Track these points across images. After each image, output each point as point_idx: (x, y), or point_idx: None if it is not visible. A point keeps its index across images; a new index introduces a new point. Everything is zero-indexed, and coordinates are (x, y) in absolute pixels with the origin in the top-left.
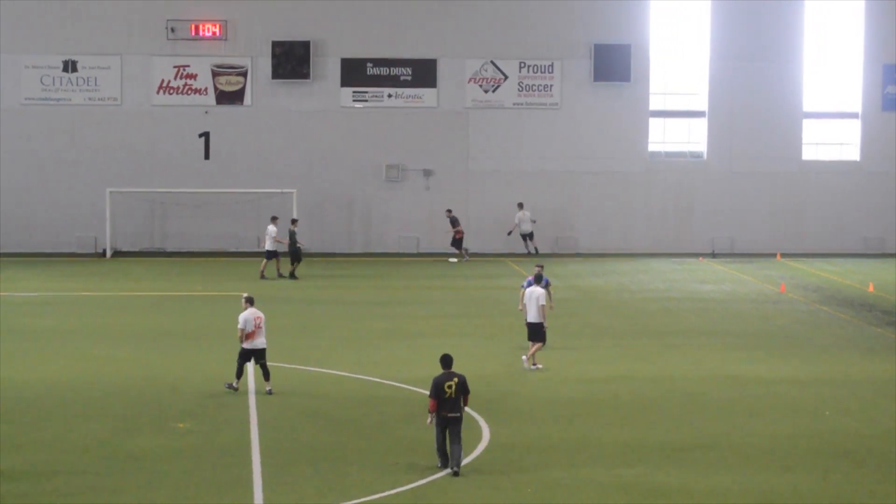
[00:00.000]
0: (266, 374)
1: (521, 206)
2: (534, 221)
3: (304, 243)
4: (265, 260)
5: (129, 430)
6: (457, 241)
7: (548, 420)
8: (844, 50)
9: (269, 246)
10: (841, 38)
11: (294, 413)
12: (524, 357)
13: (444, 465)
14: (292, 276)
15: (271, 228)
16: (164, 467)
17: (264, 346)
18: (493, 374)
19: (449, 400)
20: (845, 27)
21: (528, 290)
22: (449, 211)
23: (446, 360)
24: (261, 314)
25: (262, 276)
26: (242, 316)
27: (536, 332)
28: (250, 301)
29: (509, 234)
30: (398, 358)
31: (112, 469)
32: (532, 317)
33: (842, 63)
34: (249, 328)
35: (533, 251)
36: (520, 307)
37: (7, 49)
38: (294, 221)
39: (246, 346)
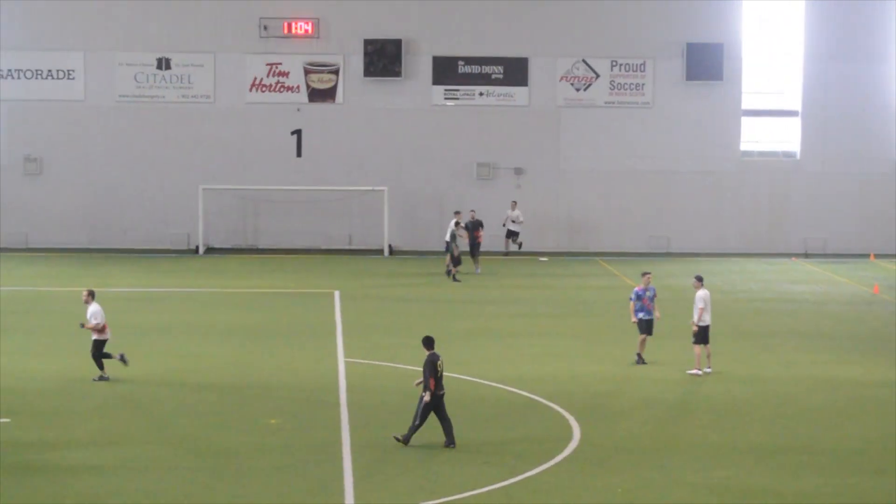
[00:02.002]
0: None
1: (514, 204)
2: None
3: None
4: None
5: (222, 426)
6: (476, 247)
7: (639, 420)
8: None
9: (449, 238)
10: None
11: (385, 411)
12: (708, 369)
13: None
14: (454, 277)
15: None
16: (255, 463)
17: (109, 337)
18: (584, 374)
19: (440, 378)
20: None
21: (702, 293)
22: (472, 212)
23: (431, 341)
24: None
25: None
26: (98, 310)
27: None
28: (92, 295)
29: (504, 225)
30: (487, 357)
31: (204, 465)
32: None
33: None
34: (104, 321)
35: (516, 247)
36: (633, 320)
37: (102, 47)
38: (458, 225)
39: (99, 337)
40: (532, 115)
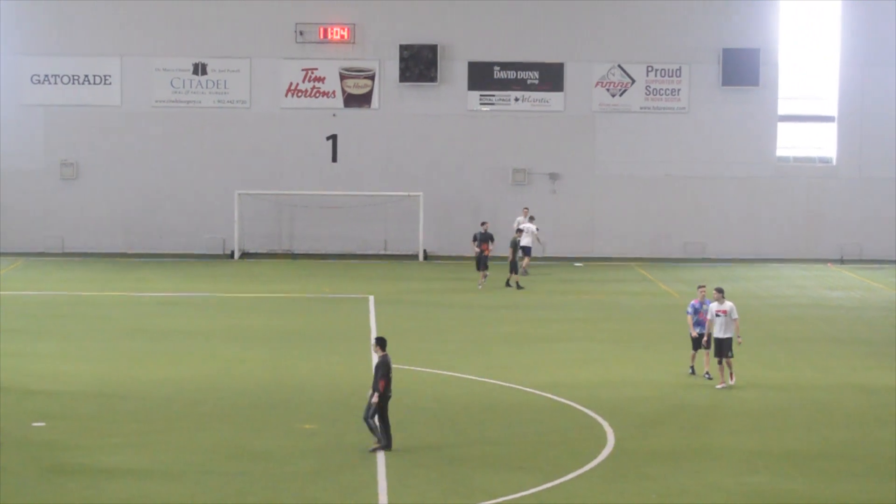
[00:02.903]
0: None
1: (526, 211)
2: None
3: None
4: (526, 258)
5: (256, 431)
6: (484, 259)
7: (673, 426)
8: None
9: (525, 242)
10: None
11: (420, 416)
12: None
13: (385, 443)
14: (515, 285)
15: (531, 226)
16: (290, 468)
17: None
18: (619, 379)
19: (390, 381)
20: None
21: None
22: (484, 224)
23: (384, 342)
24: None
25: (524, 272)
26: None
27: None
28: None
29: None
30: (522, 362)
31: (239, 469)
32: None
33: None
34: None
35: (522, 272)
36: (694, 334)
37: (138, 52)
38: (519, 231)
39: None
40: (567, 120)
